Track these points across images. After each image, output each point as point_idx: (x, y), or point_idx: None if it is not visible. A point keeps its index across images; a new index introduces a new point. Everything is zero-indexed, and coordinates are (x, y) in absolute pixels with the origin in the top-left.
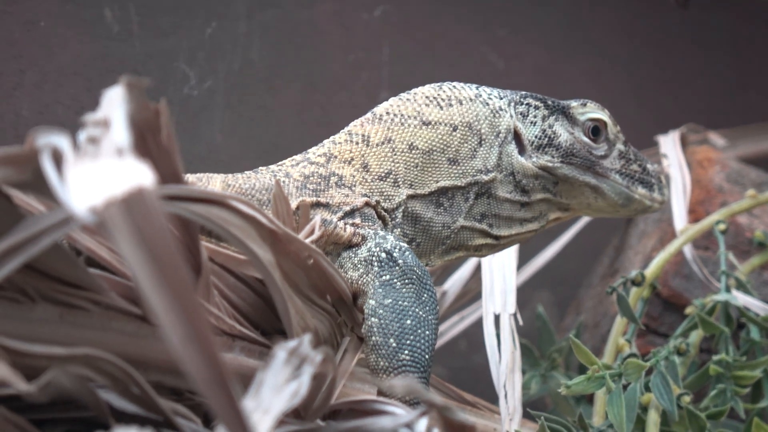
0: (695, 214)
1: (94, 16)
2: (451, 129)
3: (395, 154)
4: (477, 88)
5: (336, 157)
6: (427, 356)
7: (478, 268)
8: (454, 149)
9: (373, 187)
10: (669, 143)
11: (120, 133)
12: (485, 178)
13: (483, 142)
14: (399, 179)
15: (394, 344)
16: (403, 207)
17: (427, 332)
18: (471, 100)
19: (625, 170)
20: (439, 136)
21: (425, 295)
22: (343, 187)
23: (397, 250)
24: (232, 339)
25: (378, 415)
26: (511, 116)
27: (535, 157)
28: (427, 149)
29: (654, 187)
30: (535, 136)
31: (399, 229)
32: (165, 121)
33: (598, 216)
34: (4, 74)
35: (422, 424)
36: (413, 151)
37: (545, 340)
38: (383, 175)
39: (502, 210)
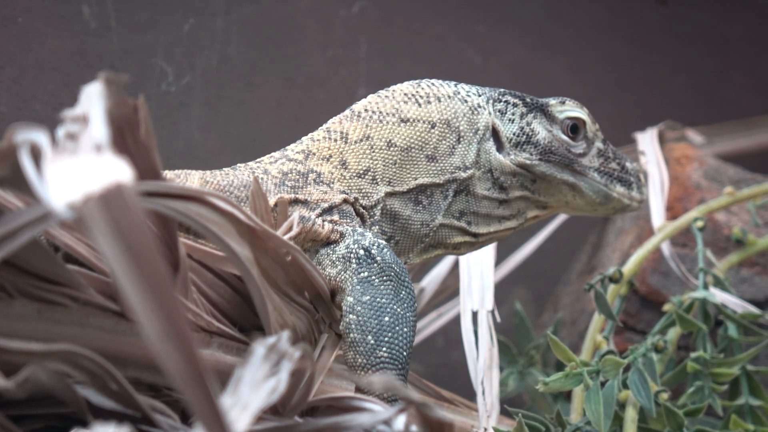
0: (673, 211)
1: (71, 12)
2: (430, 126)
3: (373, 152)
4: (455, 85)
5: (314, 154)
6: (405, 353)
7: (455, 265)
8: (432, 146)
9: (352, 184)
10: (647, 140)
11: (98, 129)
12: (463, 175)
13: (461, 139)
14: (377, 176)
15: (372, 341)
16: (381, 204)
17: (405, 329)
18: (449, 97)
19: (604, 168)
20: (418, 134)
21: (403, 292)
22: (321, 184)
23: (375, 247)
24: (210, 335)
25: (356, 412)
26: (490, 113)
27: (513, 155)
28: (406, 146)
29: (633, 186)
30: (513, 134)
31: (377, 227)
32: (143, 117)
33: (576, 214)
34: None
35: (400, 420)
36: (391, 149)
37: (523, 337)
38: (361, 172)
39: (480, 207)
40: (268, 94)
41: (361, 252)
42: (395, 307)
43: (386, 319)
